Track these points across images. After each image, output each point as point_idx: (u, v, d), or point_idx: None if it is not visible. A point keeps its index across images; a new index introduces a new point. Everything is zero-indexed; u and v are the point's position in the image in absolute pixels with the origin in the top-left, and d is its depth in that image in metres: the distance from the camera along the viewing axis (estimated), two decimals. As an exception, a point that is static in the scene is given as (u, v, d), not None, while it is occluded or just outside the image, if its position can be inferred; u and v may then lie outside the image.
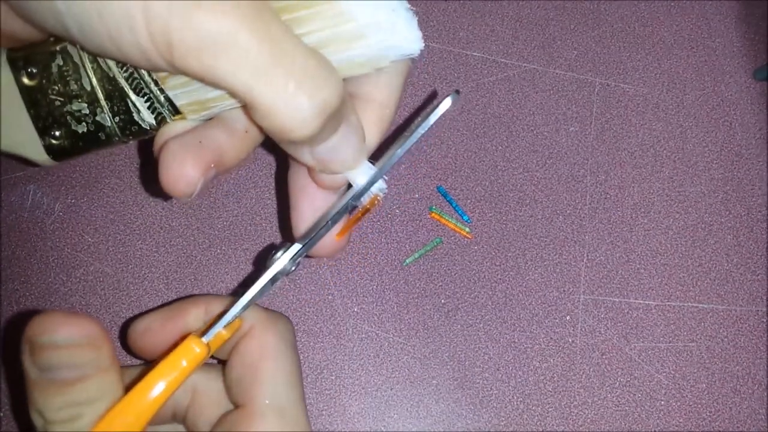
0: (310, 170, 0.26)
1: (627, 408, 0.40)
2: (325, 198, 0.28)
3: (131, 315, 0.39)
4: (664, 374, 0.41)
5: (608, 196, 0.42)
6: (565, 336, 0.41)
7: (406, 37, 0.23)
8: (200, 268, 0.40)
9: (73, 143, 0.27)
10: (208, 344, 0.26)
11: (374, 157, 0.27)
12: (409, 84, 0.43)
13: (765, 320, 0.41)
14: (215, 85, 0.21)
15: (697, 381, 0.41)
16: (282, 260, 0.26)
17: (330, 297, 0.40)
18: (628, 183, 0.43)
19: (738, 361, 0.41)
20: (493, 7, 0.44)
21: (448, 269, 0.41)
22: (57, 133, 0.26)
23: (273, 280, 0.26)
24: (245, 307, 0.26)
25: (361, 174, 0.26)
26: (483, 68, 0.44)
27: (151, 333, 0.31)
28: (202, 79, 0.21)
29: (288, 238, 0.40)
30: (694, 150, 0.43)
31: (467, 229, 0.41)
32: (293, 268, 0.26)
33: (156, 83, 0.25)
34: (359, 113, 0.25)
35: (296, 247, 0.26)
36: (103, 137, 0.26)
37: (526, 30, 0.44)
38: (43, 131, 0.26)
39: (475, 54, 0.44)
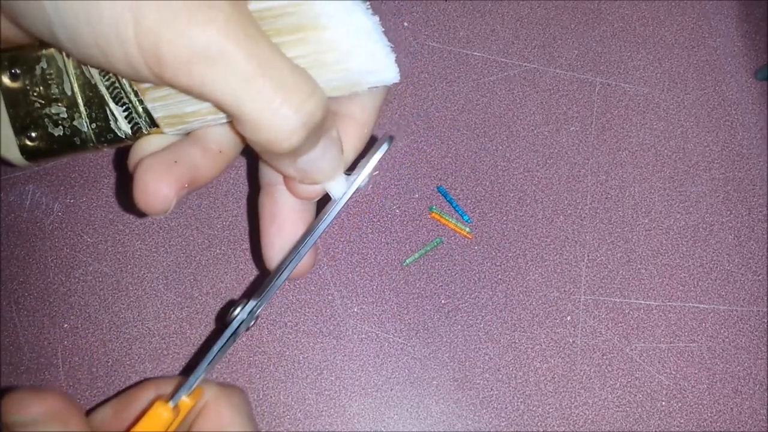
0: (288, 181, 0.27)
1: (628, 408, 0.40)
2: (293, 225, 0.28)
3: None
4: (665, 375, 0.40)
5: (609, 196, 0.42)
6: (565, 336, 0.41)
7: (383, 66, 0.24)
8: (200, 268, 0.40)
9: (48, 145, 0.27)
10: (176, 407, 0.27)
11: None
12: (410, 84, 0.43)
13: (766, 320, 0.41)
14: (202, 98, 0.22)
15: (698, 381, 0.40)
16: (240, 317, 0.27)
17: (330, 297, 0.40)
18: (628, 183, 0.43)
19: (739, 362, 0.41)
20: (493, 7, 0.44)
21: (448, 269, 0.41)
22: (33, 135, 0.27)
23: (234, 335, 0.27)
24: (210, 366, 0.27)
25: (338, 185, 0.27)
26: (483, 68, 0.43)
27: (106, 425, 0.32)
28: (188, 91, 0.22)
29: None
30: (695, 150, 0.43)
31: (467, 229, 0.41)
32: (253, 322, 0.28)
33: (136, 94, 0.25)
34: (339, 129, 0.26)
35: (253, 303, 0.27)
36: (78, 142, 0.27)
37: (526, 30, 0.44)
38: (20, 131, 0.27)
39: (475, 54, 0.44)
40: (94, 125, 0.26)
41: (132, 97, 0.25)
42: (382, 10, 0.43)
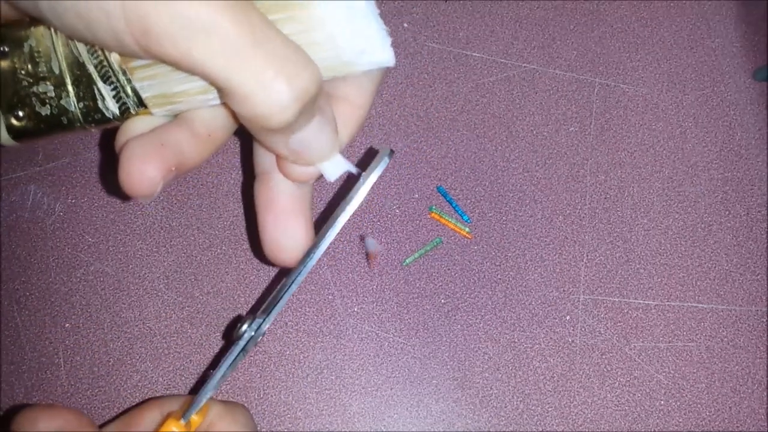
0: (281, 162, 0.26)
1: (627, 408, 0.40)
2: (290, 213, 0.28)
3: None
4: (664, 374, 0.41)
5: (608, 196, 0.43)
6: (564, 336, 0.41)
7: (377, 48, 0.23)
8: (200, 268, 0.40)
9: (35, 125, 0.27)
10: (188, 423, 0.27)
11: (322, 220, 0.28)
12: (409, 84, 0.43)
13: (764, 320, 0.41)
14: (192, 71, 0.21)
15: (697, 381, 0.41)
16: (248, 335, 0.27)
17: (330, 297, 0.40)
18: (627, 183, 0.43)
19: (738, 361, 0.41)
20: (493, 8, 0.44)
21: (448, 269, 0.41)
22: (20, 114, 0.26)
23: (243, 352, 0.28)
24: (219, 382, 0.28)
25: (332, 166, 0.26)
26: (483, 68, 0.44)
27: None
28: (177, 64, 0.21)
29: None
30: (694, 150, 0.43)
31: (467, 229, 0.41)
32: (261, 338, 0.28)
33: (124, 73, 0.25)
34: (334, 110, 0.25)
35: (260, 319, 0.27)
36: (66, 122, 0.26)
37: (525, 30, 0.44)
38: (7, 110, 0.26)
39: (475, 54, 0.44)
40: (81, 104, 0.26)
41: (120, 76, 0.25)
42: (382, 11, 0.43)
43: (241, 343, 0.27)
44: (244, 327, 0.27)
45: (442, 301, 0.41)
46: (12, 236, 0.40)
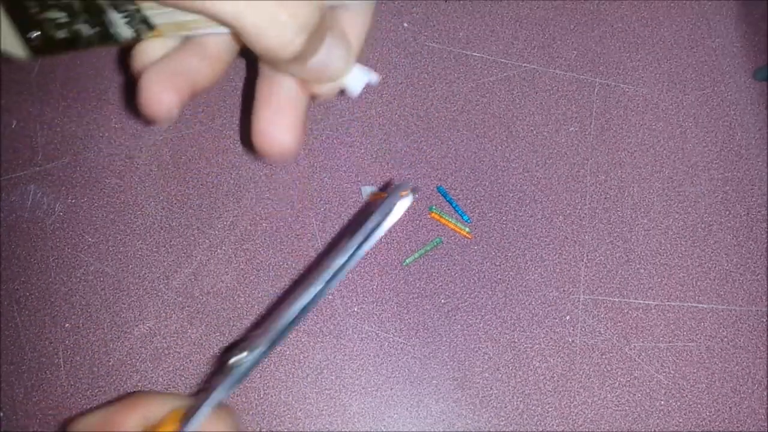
0: (302, 83, 0.28)
1: (627, 408, 0.40)
2: (287, 111, 0.29)
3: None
4: (664, 374, 0.41)
5: (608, 196, 0.42)
6: (564, 336, 0.41)
7: None
8: (200, 268, 0.40)
9: (51, 45, 0.28)
10: None
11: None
12: (410, 84, 0.43)
13: (765, 320, 0.41)
14: (203, 14, 0.23)
15: (697, 381, 0.41)
16: (246, 366, 0.28)
17: (330, 297, 0.40)
18: (627, 183, 0.43)
19: (738, 361, 0.41)
20: (493, 8, 0.44)
21: (448, 269, 0.41)
22: (35, 35, 0.27)
23: (241, 379, 0.28)
24: (216, 400, 0.28)
25: (354, 79, 0.27)
26: (483, 68, 0.44)
27: None
28: (185, 9, 0.23)
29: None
30: (694, 150, 0.43)
31: (467, 229, 0.41)
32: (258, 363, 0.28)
33: (134, 3, 0.26)
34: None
35: (261, 349, 0.28)
36: (81, 43, 0.28)
37: (526, 30, 0.44)
38: (22, 33, 0.27)
39: (475, 54, 0.44)
40: (93, 30, 0.27)
41: (131, 6, 0.26)
42: (382, 11, 0.43)
43: (242, 370, 0.27)
44: (244, 354, 0.27)
45: (442, 301, 0.41)
46: (12, 236, 0.40)
